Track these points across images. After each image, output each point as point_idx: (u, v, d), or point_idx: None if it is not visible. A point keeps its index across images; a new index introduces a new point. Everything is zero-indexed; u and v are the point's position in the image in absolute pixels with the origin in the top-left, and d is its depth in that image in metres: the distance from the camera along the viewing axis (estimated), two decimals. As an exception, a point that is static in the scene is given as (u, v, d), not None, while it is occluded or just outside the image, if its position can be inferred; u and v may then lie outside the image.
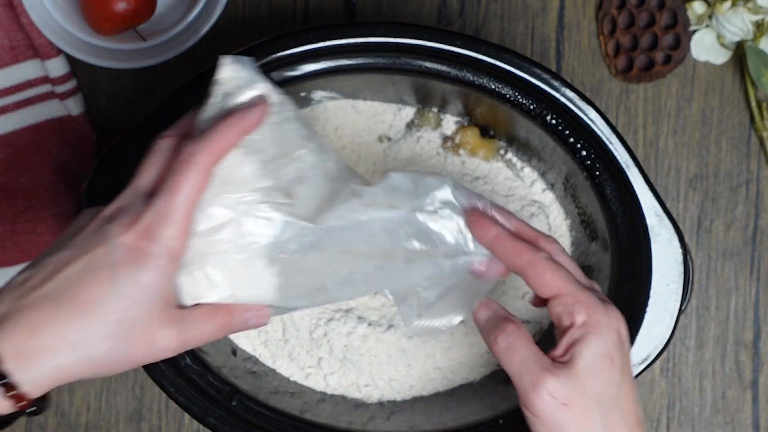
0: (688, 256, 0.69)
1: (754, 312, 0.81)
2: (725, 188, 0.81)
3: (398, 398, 0.76)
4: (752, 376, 0.81)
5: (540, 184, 0.75)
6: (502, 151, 0.75)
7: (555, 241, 0.59)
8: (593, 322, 0.55)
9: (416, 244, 0.59)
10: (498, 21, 0.82)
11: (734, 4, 0.79)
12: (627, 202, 0.68)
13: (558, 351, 0.56)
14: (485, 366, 0.76)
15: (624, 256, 0.69)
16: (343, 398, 0.76)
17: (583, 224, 0.74)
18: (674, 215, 0.77)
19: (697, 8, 0.80)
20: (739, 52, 0.81)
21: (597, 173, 0.69)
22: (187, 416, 0.81)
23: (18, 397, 0.52)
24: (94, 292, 0.52)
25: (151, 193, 0.55)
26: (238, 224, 0.55)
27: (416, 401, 0.76)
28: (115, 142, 0.70)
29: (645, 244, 0.68)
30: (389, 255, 0.59)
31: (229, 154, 0.56)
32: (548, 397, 0.54)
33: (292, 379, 0.76)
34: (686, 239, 0.80)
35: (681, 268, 0.68)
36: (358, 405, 0.75)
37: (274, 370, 0.76)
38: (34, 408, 0.53)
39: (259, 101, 0.57)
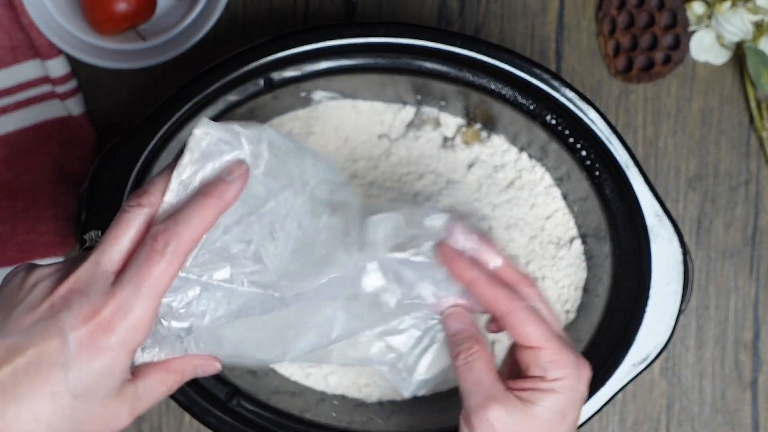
0: (688, 256, 0.69)
1: (754, 312, 0.81)
2: (725, 188, 0.81)
3: (398, 398, 0.76)
4: (752, 376, 0.81)
5: (548, 179, 0.75)
6: (504, 147, 0.75)
7: (534, 285, 0.59)
8: (565, 383, 0.56)
9: (383, 284, 0.58)
10: (498, 21, 0.82)
11: (734, 4, 0.79)
12: (627, 202, 0.68)
13: (519, 385, 0.56)
14: (485, 366, 0.76)
15: (624, 256, 0.69)
16: (343, 398, 0.76)
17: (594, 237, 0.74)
18: (674, 215, 0.77)
19: (697, 8, 0.80)
20: (739, 53, 0.81)
21: (597, 173, 0.69)
22: (187, 416, 0.81)
23: None
24: (46, 390, 0.48)
25: (116, 273, 0.50)
26: (199, 298, 0.51)
27: (416, 401, 0.76)
28: (115, 142, 0.70)
29: (645, 244, 0.68)
30: (353, 296, 0.57)
31: None
32: (488, 422, 0.55)
33: (292, 379, 0.76)
34: (686, 239, 0.80)
35: (681, 268, 0.68)
36: (358, 405, 0.75)
37: (274, 370, 0.76)
38: None
39: (239, 171, 0.51)
